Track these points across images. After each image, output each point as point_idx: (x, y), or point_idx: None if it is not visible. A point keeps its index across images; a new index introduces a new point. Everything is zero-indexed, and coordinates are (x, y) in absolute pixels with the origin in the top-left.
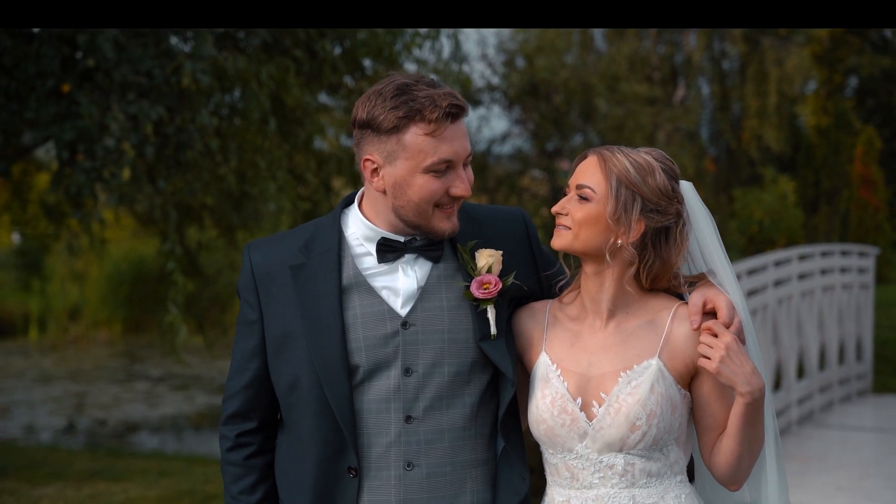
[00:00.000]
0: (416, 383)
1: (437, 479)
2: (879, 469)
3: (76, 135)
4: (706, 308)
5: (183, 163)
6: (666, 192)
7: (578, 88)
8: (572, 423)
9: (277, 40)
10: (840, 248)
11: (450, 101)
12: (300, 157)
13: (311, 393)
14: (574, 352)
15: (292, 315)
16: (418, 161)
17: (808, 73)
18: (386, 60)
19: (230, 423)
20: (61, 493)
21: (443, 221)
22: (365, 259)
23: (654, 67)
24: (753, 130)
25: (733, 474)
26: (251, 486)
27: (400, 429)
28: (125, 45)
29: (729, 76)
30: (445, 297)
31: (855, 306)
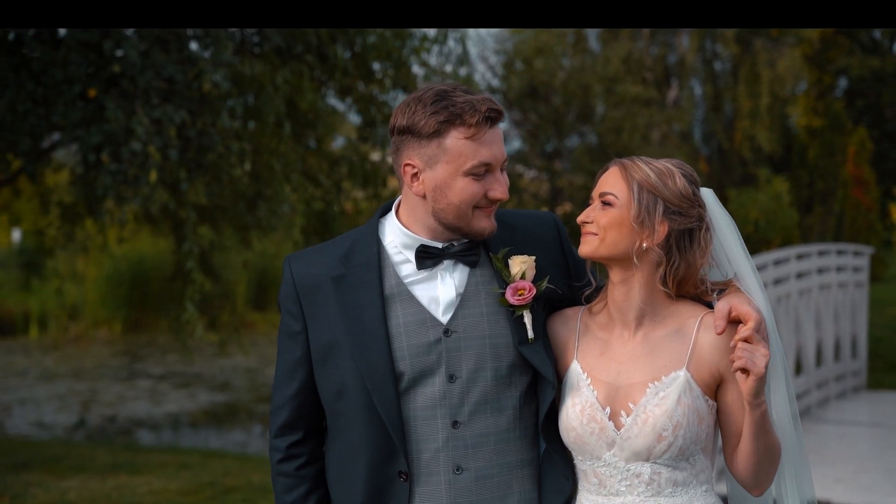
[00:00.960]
0: (461, 389)
1: (485, 481)
2: (876, 463)
3: (102, 138)
4: (731, 316)
5: (204, 165)
6: (687, 195)
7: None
8: (601, 432)
9: (290, 46)
10: (836, 247)
11: (488, 105)
12: (313, 159)
13: (358, 400)
14: (604, 361)
15: (336, 325)
16: (458, 164)
17: (799, 75)
18: (395, 64)
19: (281, 434)
20: (86, 486)
21: (482, 221)
22: (404, 267)
23: (648, 68)
24: (746, 131)
25: (754, 478)
26: (304, 496)
27: (447, 434)
28: (149, 52)
29: (721, 77)
30: (484, 302)
31: (850, 304)
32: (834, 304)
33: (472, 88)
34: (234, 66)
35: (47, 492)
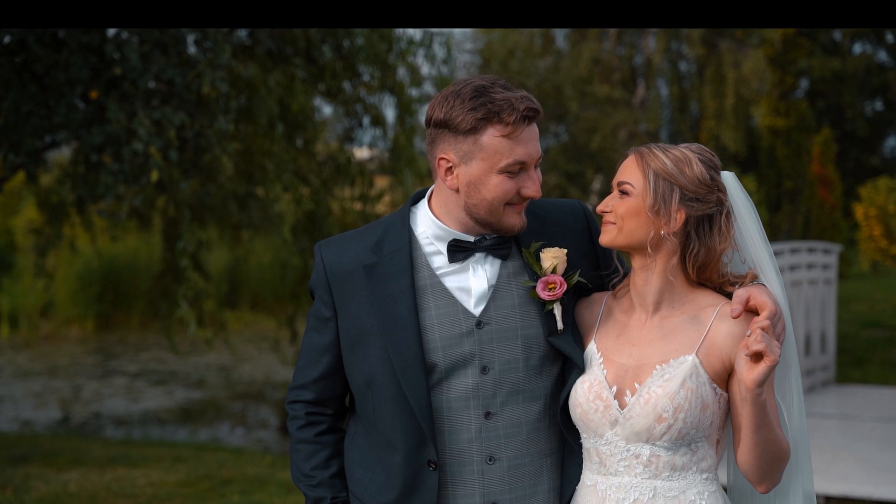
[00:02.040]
0: (494, 380)
1: (517, 470)
2: (849, 453)
3: (104, 139)
4: (749, 304)
5: (201, 166)
6: (704, 180)
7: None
8: (605, 410)
9: (280, 49)
10: (807, 245)
11: (527, 104)
12: (303, 159)
13: (388, 390)
14: (619, 342)
15: (367, 313)
16: (494, 162)
17: (763, 76)
18: (382, 66)
19: (298, 405)
20: (86, 478)
21: (513, 217)
22: (436, 258)
23: (615, 69)
24: (711, 131)
25: (757, 473)
26: (325, 461)
27: (480, 424)
28: (150, 55)
29: (687, 78)
30: (515, 294)
31: (820, 301)
32: (805, 301)
33: (509, 83)
34: (231, 69)
35: (48, 484)
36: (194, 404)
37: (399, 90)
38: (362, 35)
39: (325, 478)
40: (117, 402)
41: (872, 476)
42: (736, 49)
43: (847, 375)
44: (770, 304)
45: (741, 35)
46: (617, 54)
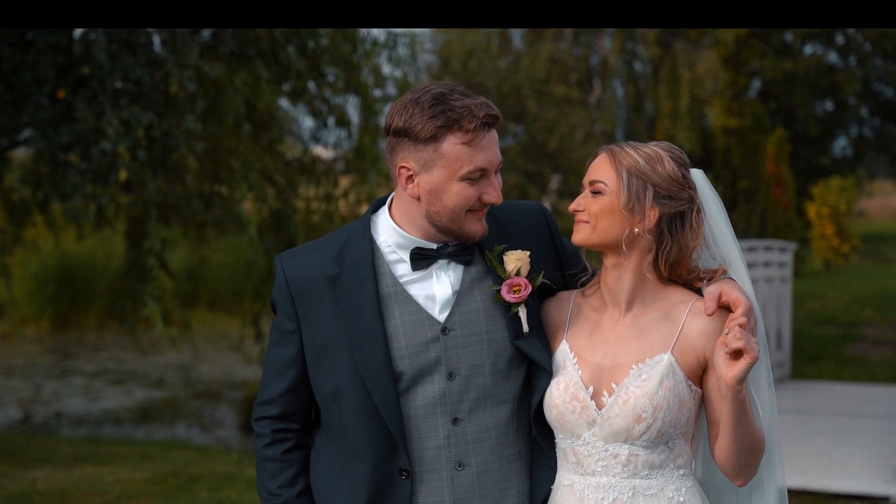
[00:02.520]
0: (460, 386)
1: (487, 475)
2: (806, 447)
3: (72, 138)
4: (721, 301)
5: (168, 165)
6: (676, 178)
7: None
8: (582, 411)
9: (243, 49)
10: (763, 243)
11: (486, 111)
12: (268, 159)
13: (356, 400)
14: (592, 341)
15: (332, 324)
16: (455, 169)
17: (717, 76)
18: (346, 67)
19: (265, 421)
20: (53, 476)
21: (475, 225)
22: (399, 266)
23: (572, 69)
24: (666, 131)
25: (736, 467)
26: (291, 479)
27: (448, 431)
28: (117, 54)
29: (642, 78)
30: (480, 299)
31: (776, 298)
32: (761, 299)
33: (469, 90)
34: (198, 68)
35: (16, 482)
36: (155, 403)
37: (364, 91)
38: (327, 36)
39: (292, 496)
40: (76, 401)
41: (828, 469)
42: (690, 50)
43: (802, 372)
44: (743, 299)
45: (695, 36)
46: (573, 55)
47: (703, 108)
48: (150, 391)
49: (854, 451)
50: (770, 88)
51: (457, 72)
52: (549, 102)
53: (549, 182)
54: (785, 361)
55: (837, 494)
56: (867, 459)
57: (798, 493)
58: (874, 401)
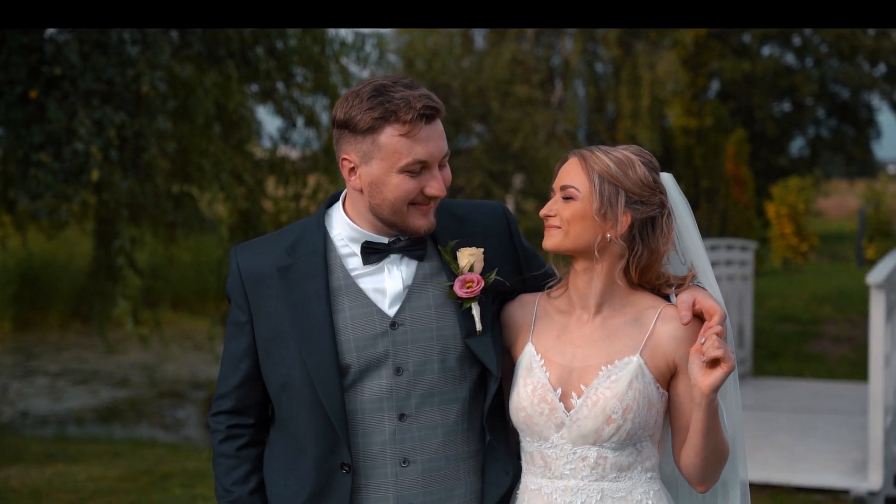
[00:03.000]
0: (408, 382)
1: (432, 473)
2: (767, 442)
3: (44, 138)
4: (695, 308)
5: (139, 165)
6: (648, 182)
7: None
8: (551, 413)
9: (213, 50)
10: (725, 242)
11: (424, 102)
12: (238, 158)
13: (303, 392)
14: (559, 343)
15: (282, 316)
16: (393, 161)
17: (677, 77)
18: (315, 68)
19: (220, 416)
20: (26, 473)
21: (419, 219)
22: (351, 260)
23: (533, 70)
24: (627, 131)
25: (701, 475)
26: (244, 476)
27: (394, 427)
28: (89, 55)
29: (603, 79)
30: (432, 295)
31: (738, 296)
32: (724, 297)
33: (414, 83)
34: (169, 69)
35: None
36: (120, 403)
37: (332, 91)
38: (295, 36)
39: (244, 494)
40: (41, 401)
41: (790, 464)
42: (651, 51)
43: (763, 369)
44: (718, 307)
45: (655, 37)
46: (535, 55)
47: (664, 109)
48: (115, 391)
49: (815, 446)
50: (729, 89)
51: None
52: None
53: (512, 181)
54: (746, 358)
55: (799, 488)
56: (827, 454)
57: (761, 486)
58: (834, 397)
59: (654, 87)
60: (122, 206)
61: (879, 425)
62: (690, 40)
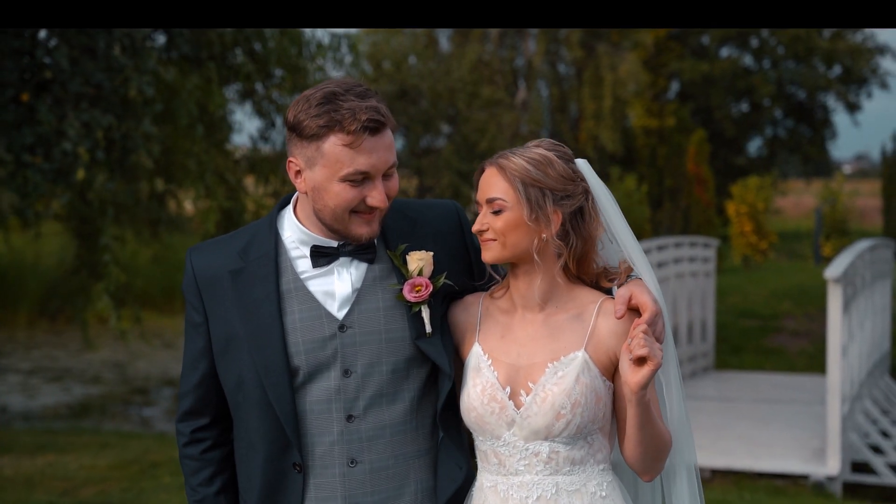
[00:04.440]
0: (356, 383)
1: (380, 472)
2: (730, 432)
3: (34, 139)
4: (631, 303)
5: (126, 166)
6: (568, 176)
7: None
8: (501, 411)
9: (197, 53)
10: (689, 239)
11: (370, 115)
12: (220, 158)
13: (254, 393)
14: (505, 343)
15: (233, 319)
16: (335, 170)
17: (638, 78)
18: (292, 69)
19: (185, 419)
20: (18, 464)
21: (361, 227)
22: (301, 262)
23: (497, 71)
24: (590, 131)
25: (642, 465)
26: (209, 478)
27: (342, 428)
28: (78, 59)
29: (566, 80)
30: (381, 297)
31: (700, 292)
32: (687, 292)
33: (369, 91)
34: (155, 73)
35: None
36: (94, 399)
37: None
38: (273, 39)
39: (210, 494)
40: (15, 398)
41: (752, 451)
42: (612, 52)
43: (725, 362)
44: (650, 304)
45: (617, 38)
46: (499, 56)
47: (625, 109)
48: (87, 387)
49: (775, 434)
50: (688, 90)
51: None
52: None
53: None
54: (709, 352)
55: (761, 473)
56: (788, 441)
57: (725, 472)
58: (793, 388)
59: (615, 87)
60: (108, 205)
61: (837, 413)
62: (651, 42)
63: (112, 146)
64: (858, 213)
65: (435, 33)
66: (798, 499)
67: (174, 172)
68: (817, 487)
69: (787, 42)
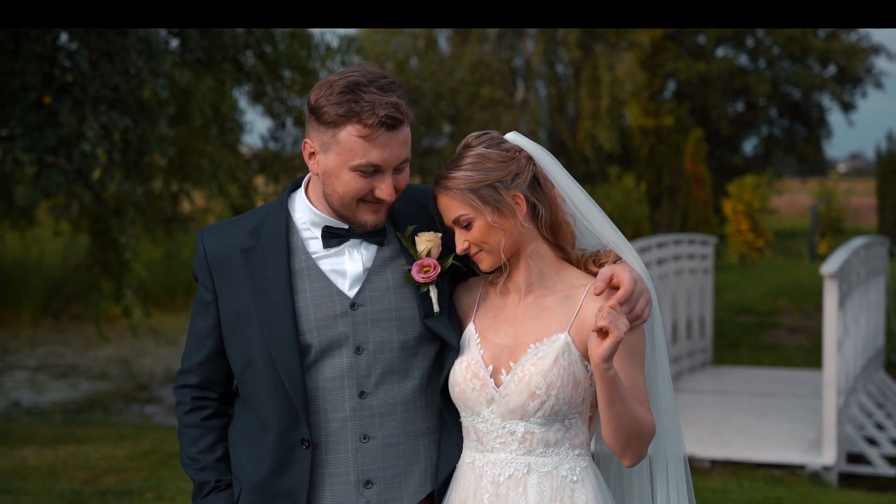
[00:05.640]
0: (367, 361)
1: (391, 448)
2: (728, 424)
3: (56, 141)
4: (612, 282)
5: (141, 167)
6: (505, 157)
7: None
8: (482, 388)
9: (211, 56)
10: (687, 237)
11: (388, 111)
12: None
13: (265, 370)
14: (496, 323)
15: (244, 296)
16: (347, 159)
17: (635, 78)
18: (302, 71)
19: (185, 389)
20: (40, 454)
21: (367, 215)
22: (312, 242)
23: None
24: (588, 130)
25: (618, 447)
26: (210, 445)
27: (354, 404)
28: (97, 63)
29: (564, 80)
30: (391, 276)
31: (699, 289)
32: (686, 289)
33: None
34: (170, 76)
35: (6, 459)
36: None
37: None
38: (283, 42)
39: (211, 461)
40: (24, 393)
41: (751, 442)
42: (609, 52)
43: (723, 358)
44: (628, 282)
45: (614, 39)
46: (497, 56)
47: (622, 109)
48: (94, 384)
49: (773, 426)
50: (684, 89)
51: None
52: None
53: None
54: (707, 348)
55: (759, 464)
56: (785, 433)
57: (724, 463)
58: (790, 382)
59: (613, 87)
60: (127, 205)
61: (833, 405)
62: (647, 42)
63: (128, 147)
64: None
65: (434, 34)
66: (795, 488)
67: (188, 172)
68: (814, 477)
69: (783, 42)
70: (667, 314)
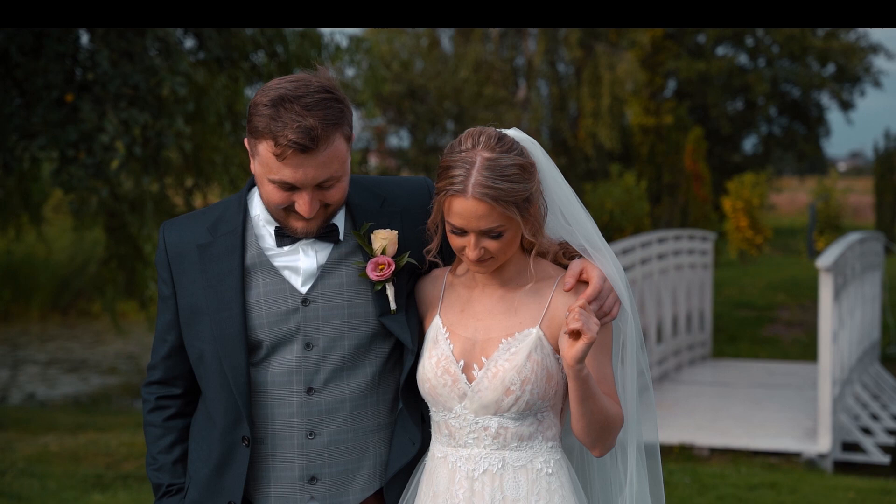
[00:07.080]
0: (317, 357)
1: (338, 445)
2: (727, 413)
3: (78, 137)
4: (582, 277)
5: (159, 162)
6: (530, 167)
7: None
8: (453, 384)
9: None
10: (687, 233)
11: (297, 136)
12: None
13: (213, 366)
14: (464, 317)
15: (198, 292)
16: (265, 171)
17: (635, 77)
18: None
19: (151, 387)
20: (62, 441)
21: (296, 222)
22: (268, 239)
23: (498, 70)
24: (589, 129)
25: (588, 440)
26: (169, 446)
27: (302, 400)
28: (118, 62)
29: (565, 79)
30: (346, 273)
31: (699, 283)
32: (686, 283)
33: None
34: (188, 75)
35: (29, 445)
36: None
37: None
38: (294, 42)
39: (168, 463)
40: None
41: (748, 431)
42: (610, 52)
43: (722, 351)
44: (597, 279)
45: (614, 38)
46: (499, 56)
47: (623, 108)
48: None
49: (770, 415)
50: (684, 88)
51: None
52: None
53: None
54: (707, 341)
55: (757, 451)
56: (782, 422)
57: (722, 451)
58: (787, 374)
59: (613, 86)
60: (146, 199)
61: (828, 395)
62: (648, 41)
63: (147, 143)
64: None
65: (437, 34)
66: (791, 475)
67: (202, 167)
68: (809, 464)
69: (782, 41)
70: (667, 308)
